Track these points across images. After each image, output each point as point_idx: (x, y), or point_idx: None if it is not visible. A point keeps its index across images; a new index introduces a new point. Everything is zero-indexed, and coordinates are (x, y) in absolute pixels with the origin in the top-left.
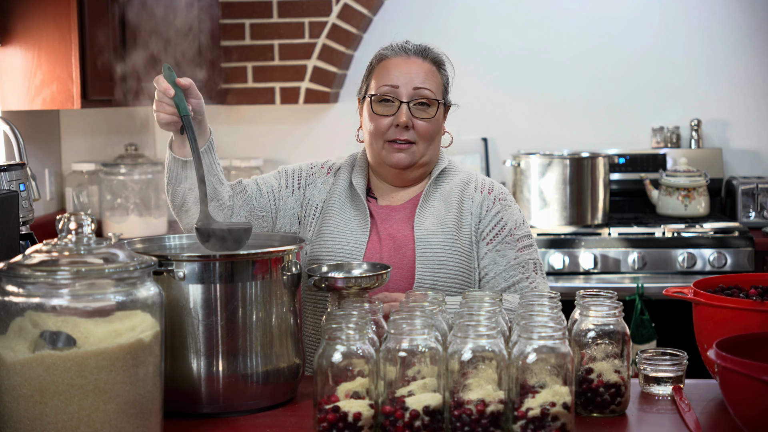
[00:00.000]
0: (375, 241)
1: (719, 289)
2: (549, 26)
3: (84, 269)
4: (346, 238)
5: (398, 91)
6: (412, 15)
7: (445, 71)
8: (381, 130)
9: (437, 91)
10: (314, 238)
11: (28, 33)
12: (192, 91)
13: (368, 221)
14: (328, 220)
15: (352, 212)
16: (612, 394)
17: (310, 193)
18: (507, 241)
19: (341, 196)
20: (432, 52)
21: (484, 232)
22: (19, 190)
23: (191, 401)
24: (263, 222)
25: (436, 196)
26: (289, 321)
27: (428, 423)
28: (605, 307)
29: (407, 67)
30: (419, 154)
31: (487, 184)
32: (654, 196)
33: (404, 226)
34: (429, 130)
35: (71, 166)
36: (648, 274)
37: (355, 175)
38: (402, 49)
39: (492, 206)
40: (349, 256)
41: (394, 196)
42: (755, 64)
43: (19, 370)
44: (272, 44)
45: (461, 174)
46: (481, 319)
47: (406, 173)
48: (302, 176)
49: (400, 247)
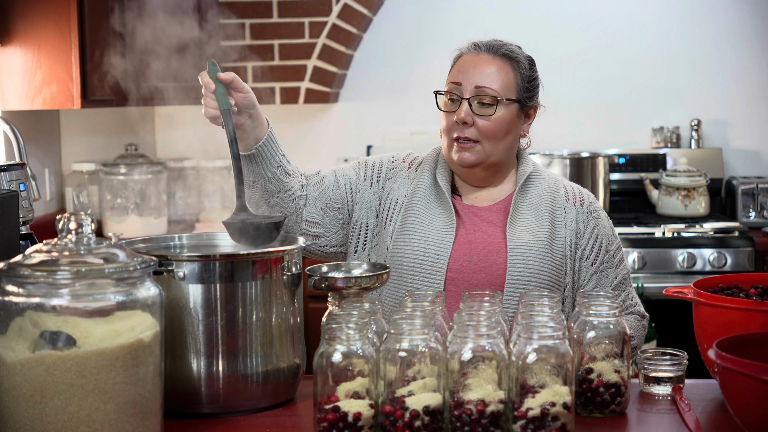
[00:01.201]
0: (463, 242)
1: (719, 289)
2: (549, 26)
3: (84, 269)
4: (432, 237)
5: (461, 88)
6: (412, 15)
7: (521, 68)
8: (447, 127)
9: (505, 89)
10: (396, 235)
11: (28, 33)
12: (236, 85)
13: (454, 219)
14: (413, 217)
15: (437, 210)
16: (612, 394)
17: (390, 187)
18: (606, 260)
19: (425, 193)
20: (504, 49)
21: (586, 250)
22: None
23: (191, 401)
24: (339, 214)
25: (525, 204)
26: (289, 321)
27: (428, 423)
28: (605, 307)
29: (474, 64)
30: (485, 153)
31: (577, 194)
32: (654, 196)
33: (495, 231)
34: (490, 129)
35: (71, 166)
36: (648, 274)
37: (439, 171)
38: (474, 47)
39: (587, 221)
40: (435, 256)
41: (477, 196)
42: (755, 64)
43: (19, 370)
44: (272, 44)
45: (547, 179)
46: (481, 319)
47: (476, 172)
48: (382, 169)
49: (491, 254)
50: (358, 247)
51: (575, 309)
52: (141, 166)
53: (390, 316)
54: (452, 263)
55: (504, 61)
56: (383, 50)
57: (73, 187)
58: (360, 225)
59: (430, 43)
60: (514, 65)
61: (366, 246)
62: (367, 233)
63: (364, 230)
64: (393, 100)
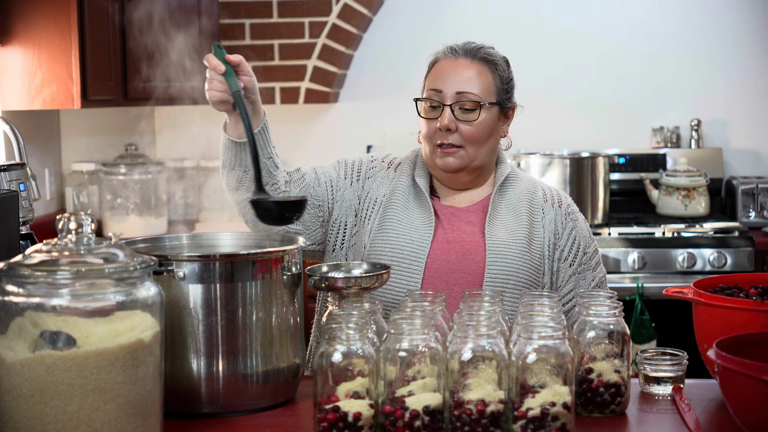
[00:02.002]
0: (441, 242)
1: (719, 289)
2: (549, 26)
3: (84, 269)
4: (410, 235)
5: (442, 95)
6: (413, 15)
7: (499, 70)
8: (429, 134)
9: (485, 93)
10: (374, 234)
11: (28, 33)
12: (243, 68)
13: (432, 219)
14: (391, 215)
15: (416, 209)
16: (612, 394)
17: (370, 187)
18: (584, 262)
19: (404, 193)
20: (481, 52)
21: (564, 251)
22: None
23: (191, 401)
24: (319, 212)
25: (504, 204)
26: (289, 321)
27: (428, 423)
28: (605, 307)
29: (453, 69)
30: (469, 157)
31: (555, 195)
32: (654, 196)
33: (473, 231)
34: (474, 134)
35: (71, 166)
36: (648, 274)
37: (417, 172)
38: (451, 51)
39: (566, 222)
40: (413, 254)
41: (456, 197)
42: (755, 64)
43: (19, 370)
44: (272, 44)
45: (525, 181)
46: (481, 319)
47: (459, 176)
48: (362, 168)
49: (470, 252)
50: (336, 245)
51: (575, 309)
52: (141, 166)
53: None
54: (430, 262)
55: (482, 65)
56: (383, 50)
57: (73, 187)
58: (339, 224)
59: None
60: (492, 68)
61: (344, 245)
62: (345, 232)
63: (343, 229)
64: (393, 100)
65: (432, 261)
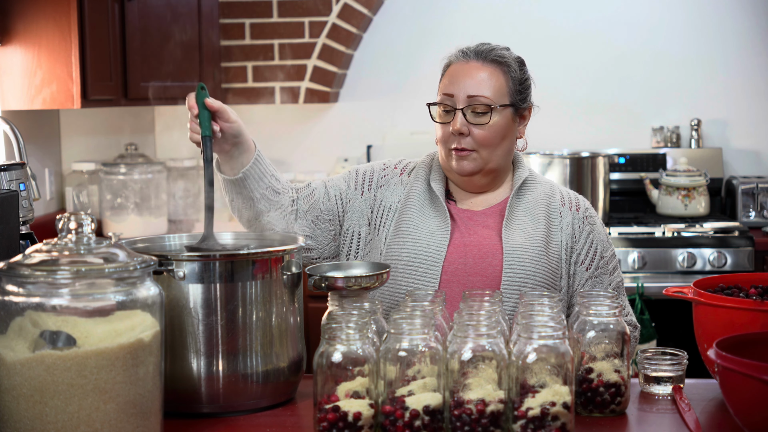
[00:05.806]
0: (458, 245)
1: (719, 288)
2: (549, 26)
3: (84, 269)
4: (426, 239)
5: (454, 99)
6: (412, 15)
7: (512, 71)
8: (443, 138)
9: (497, 95)
10: (390, 240)
11: (28, 33)
12: (223, 115)
13: (449, 223)
14: (407, 220)
15: (432, 214)
16: (612, 394)
17: (382, 195)
18: (601, 266)
19: (420, 197)
20: (493, 54)
21: (581, 255)
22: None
23: (191, 401)
24: (330, 226)
25: (521, 207)
26: (289, 321)
27: (428, 423)
28: (605, 307)
29: (465, 72)
30: (483, 160)
31: (573, 199)
32: (654, 196)
33: (490, 234)
34: (486, 137)
35: (71, 166)
36: (648, 273)
37: (433, 176)
38: (463, 54)
39: (583, 226)
40: (429, 258)
41: (473, 201)
42: (755, 64)
43: (19, 369)
44: (272, 44)
45: (543, 184)
46: (481, 319)
47: (475, 179)
48: (374, 178)
49: (487, 256)
50: (350, 256)
51: (575, 309)
52: (141, 166)
53: (387, 318)
54: (447, 265)
55: (494, 67)
56: (383, 50)
57: (73, 186)
58: (351, 233)
59: (430, 43)
60: (504, 69)
61: (358, 254)
62: (359, 241)
63: (356, 239)
64: (393, 100)
65: (449, 265)
